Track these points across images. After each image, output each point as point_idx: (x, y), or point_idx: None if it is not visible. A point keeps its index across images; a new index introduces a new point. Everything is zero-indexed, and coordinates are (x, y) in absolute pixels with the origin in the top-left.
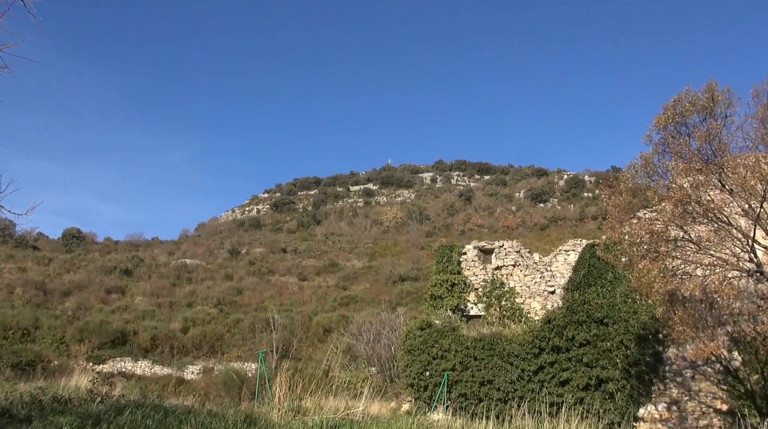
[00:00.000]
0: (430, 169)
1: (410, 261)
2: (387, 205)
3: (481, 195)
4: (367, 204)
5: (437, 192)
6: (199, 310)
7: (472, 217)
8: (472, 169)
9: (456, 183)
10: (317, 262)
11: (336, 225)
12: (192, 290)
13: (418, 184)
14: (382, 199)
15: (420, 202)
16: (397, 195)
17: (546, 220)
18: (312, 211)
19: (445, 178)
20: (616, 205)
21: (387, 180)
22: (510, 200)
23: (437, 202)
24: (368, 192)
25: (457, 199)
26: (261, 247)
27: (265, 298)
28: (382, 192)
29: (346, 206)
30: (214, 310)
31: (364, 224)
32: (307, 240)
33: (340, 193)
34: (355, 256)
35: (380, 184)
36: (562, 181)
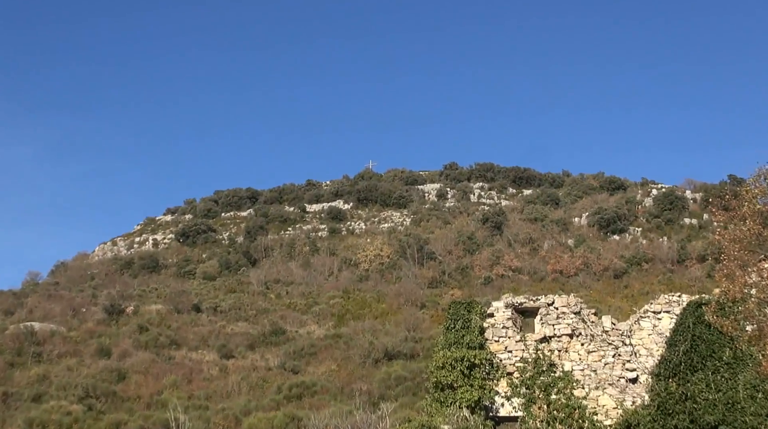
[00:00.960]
0: (436, 177)
1: (403, 326)
2: (366, 234)
3: (518, 220)
4: (335, 233)
5: (447, 214)
6: (54, 408)
7: (503, 256)
8: (503, 178)
9: (478, 200)
10: (251, 328)
11: (283, 267)
12: (42, 374)
13: (416, 201)
14: (357, 225)
15: (420, 230)
16: (382, 218)
17: (623, 263)
18: (244, 244)
19: (461, 191)
20: (737, 240)
21: (366, 195)
22: (565, 229)
23: (447, 231)
24: (336, 213)
25: (479, 225)
26: (159, 302)
27: (165, 386)
28: (359, 214)
29: (300, 237)
30: (78, 407)
31: (329, 266)
32: (235, 291)
33: (290, 216)
34: (314, 317)
35: (355, 202)
36: (649, 198)
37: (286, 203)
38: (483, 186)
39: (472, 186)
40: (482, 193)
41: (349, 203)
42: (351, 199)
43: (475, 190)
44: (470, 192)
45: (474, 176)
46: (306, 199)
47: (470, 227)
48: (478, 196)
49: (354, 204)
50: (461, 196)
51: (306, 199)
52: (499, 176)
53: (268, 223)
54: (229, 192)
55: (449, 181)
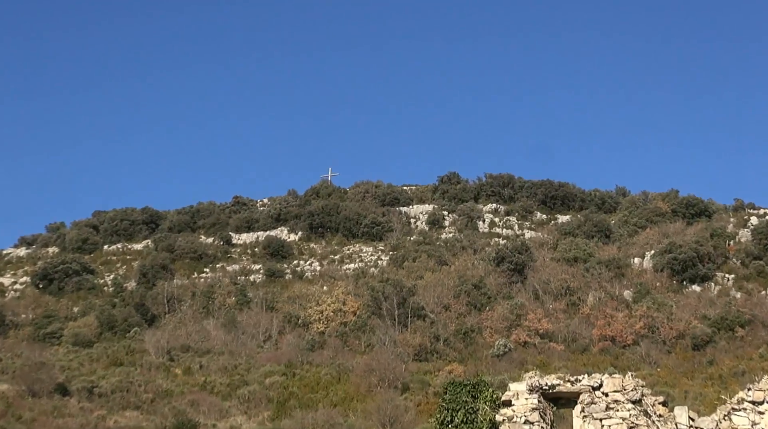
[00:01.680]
0: (428, 194)
1: (375, 419)
2: (322, 279)
3: (549, 260)
4: (274, 277)
5: (444, 250)
6: None
7: (526, 315)
8: (528, 196)
9: (489, 229)
10: (145, 421)
11: (195, 327)
12: None
13: (398, 230)
14: (309, 265)
15: (402, 273)
16: (347, 256)
17: (707, 327)
18: (137, 291)
19: (464, 216)
20: None
21: (323, 220)
22: (620, 274)
23: (444, 276)
24: (276, 248)
25: (491, 268)
26: (5, 379)
27: None
28: (311, 248)
29: (223, 282)
30: None
31: (265, 327)
32: (121, 364)
33: (207, 250)
34: (241, 405)
35: (306, 230)
36: (746, 230)
37: (201, 231)
38: (497, 208)
39: (480, 208)
40: (496, 218)
41: (296, 232)
42: (300, 227)
43: (485, 215)
44: (478, 217)
45: (484, 194)
46: (232, 225)
47: (478, 270)
48: (489, 223)
49: (304, 234)
50: (465, 223)
51: (232, 225)
52: (522, 194)
53: (174, 260)
54: (115, 214)
55: (447, 201)
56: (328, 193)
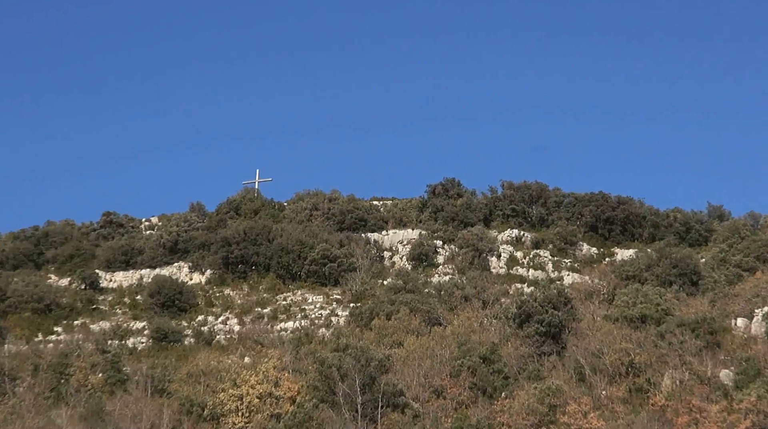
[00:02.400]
0: (411, 214)
1: None
2: (242, 344)
3: (600, 318)
4: (165, 342)
5: (436, 301)
6: None
7: (565, 405)
8: (570, 217)
9: (507, 269)
10: None
11: (34, 420)
12: None
13: (364, 268)
14: (224, 322)
15: (370, 337)
16: (283, 309)
17: None
18: None
19: (468, 247)
20: None
21: (244, 252)
22: (712, 343)
23: (434, 343)
24: (171, 293)
25: (510, 329)
26: None
27: None
28: (226, 295)
29: (80, 349)
30: None
31: (151, 420)
32: None
33: (55, 297)
34: None
35: (219, 269)
36: None
37: (51, 268)
38: (521, 237)
39: (494, 236)
40: (519, 252)
41: (201, 271)
42: (208, 263)
43: (501, 247)
44: (490, 250)
45: (500, 213)
46: (101, 259)
47: (489, 334)
48: (508, 259)
49: (215, 273)
50: (469, 258)
51: (101, 259)
52: (560, 214)
53: (6, 313)
54: None
55: (442, 224)
56: (254, 210)
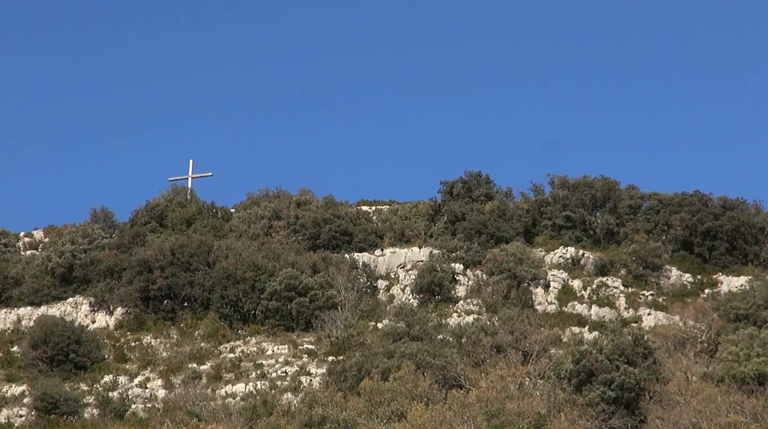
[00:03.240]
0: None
1: None
2: (169, 417)
3: (696, 378)
4: (54, 413)
5: (450, 351)
6: None
7: None
8: (653, 229)
9: (558, 303)
10: None
11: None
12: None
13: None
14: (141, 384)
15: (356, 404)
16: (231, 363)
17: None
18: None
19: (501, 273)
20: None
21: (173, 281)
22: None
23: (452, 414)
24: (65, 342)
25: (565, 394)
26: None
27: None
28: (145, 345)
29: None
30: None
31: None
32: None
33: None
34: None
35: (135, 306)
36: None
37: None
38: (579, 257)
39: (539, 256)
40: (576, 281)
41: (109, 309)
42: (119, 297)
43: (551, 273)
44: (532, 276)
45: (549, 223)
46: None
47: (533, 402)
48: (561, 291)
49: (128, 312)
50: (503, 290)
51: None
52: (636, 225)
53: None
54: None
55: (462, 239)
56: (185, 220)
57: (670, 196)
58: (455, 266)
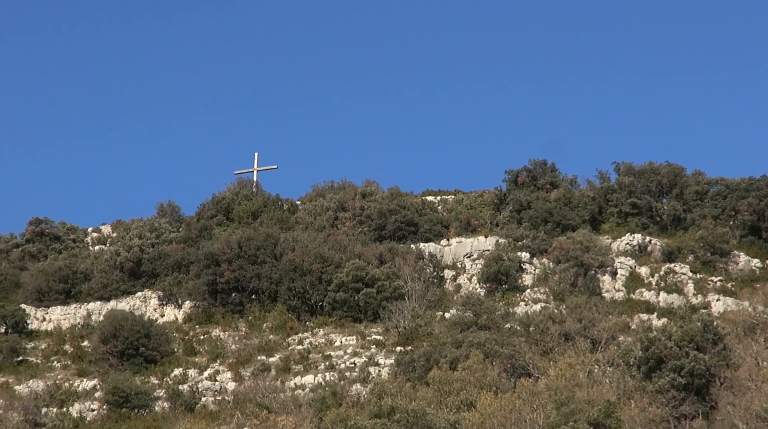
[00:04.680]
0: (480, 212)
1: None
2: (239, 409)
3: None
4: (125, 407)
5: (518, 340)
6: None
7: None
8: (720, 214)
9: (626, 291)
10: None
11: None
12: None
13: (414, 293)
14: (211, 377)
15: (426, 394)
16: (299, 355)
17: None
18: None
19: (568, 261)
20: None
21: (240, 274)
22: None
23: (522, 403)
24: (134, 336)
25: (634, 381)
26: None
27: None
28: (213, 337)
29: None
30: None
31: None
32: None
33: None
34: None
35: (203, 299)
36: None
37: None
38: (646, 244)
39: (606, 244)
40: (643, 268)
41: (178, 303)
42: (186, 291)
43: (618, 261)
44: (599, 264)
45: (615, 211)
46: (30, 289)
47: (602, 389)
48: (628, 278)
49: (197, 305)
50: (570, 277)
51: (30, 289)
52: (704, 210)
53: None
54: None
55: (528, 228)
56: (252, 213)
57: (736, 182)
58: (522, 255)
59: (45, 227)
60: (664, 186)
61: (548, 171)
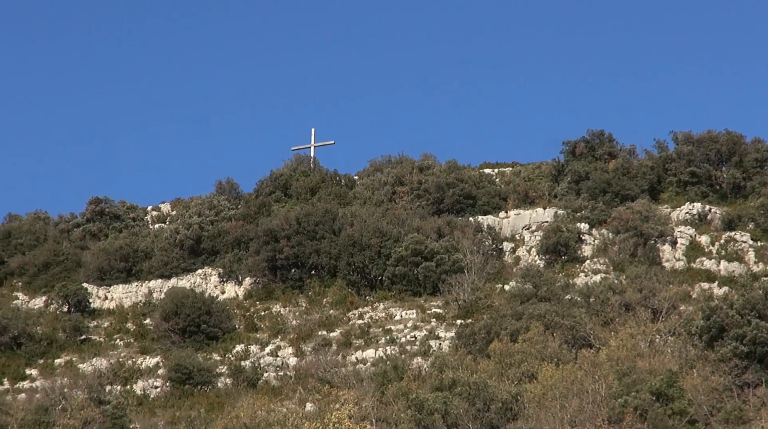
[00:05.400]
0: (539, 184)
1: None
2: (301, 384)
3: None
4: (188, 384)
5: (578, 312)
6: None
7: None
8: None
9: (686, 260)
10: None
11: None
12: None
13: (473, 266)
14: (272, 353)
15: (486, 366)
16: (359, 330)
17: None
18: None
19: (627, 231)
20: None
21: (300, 250)
22: None
23: (583, 374)
24: (195, 313)
25: (696, 350)
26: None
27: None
28: (274, 313)
29: (65, 398)
30: None
31: None
32: None
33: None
34: None
35: (263, 276)
36: None
37: (17, 282)
38: (704, 213)
39: (666, 213)
40: (704, 236)
41: (238, 279)
42: (247, 267)
43: (677, 230)
44: (658, 233)
45: (674, 179)
46: (91, 267)
47: (663, 359)
48: (688, 247)
49: (257, 281)
50: (630, 247)
51: (91, 267)
52: (762, 178)
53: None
54: None
55: (587, 198)
56: (310, 188)
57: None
58: (580, 226)
59: (105, 206)
60: (723, 154)
61: (606, 141)
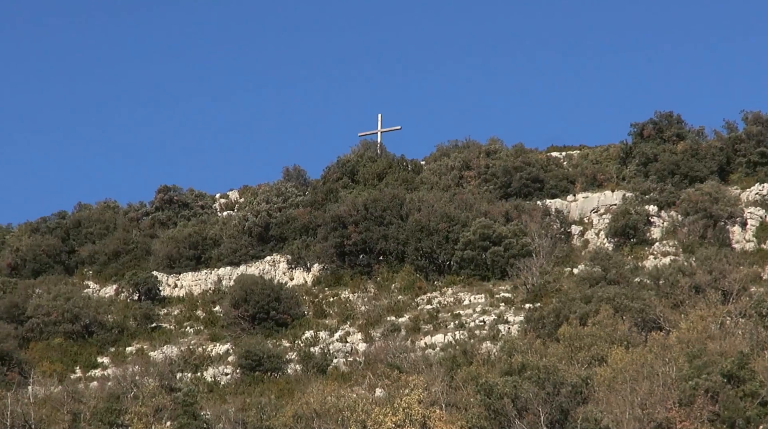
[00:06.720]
0: (607, 166)
1: None
2: (371, 370)
3: None
4: (258, 370)
5: (648, 294)
6: None
7: None
8: None
9: (756, 241)
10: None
11: None
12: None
13: (542, 249)
14: (341, 339)
15: (556, 350)
16: (427, 315)
17: None
18: None
19: (697, 213)
20: None
21: (368, 236)
22: None
23: (653, 357)
24: (263, 301)
25: (766, 331)
26: None
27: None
28: (343, 300)
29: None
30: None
31: None
32: None
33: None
34: None
35: (331, 262)
36: None
37: (88, 270)
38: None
39: (735, 195)
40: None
41: (306, 266)
42: (314, 253)
43: (747, 212)
44: (728, 215)
45: (744, 160)
46: (161, 256)
47: (735, 341)
48: (757, 228)
49: (325, 268)
50: (699, 230)
51: (161, 256)
52: None
53: (26, 340)
54: None
55: (655, 180)
56: (377, 174)
57: None
58: (649, 208)
59: (173, 194)
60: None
61: (674, 123)
